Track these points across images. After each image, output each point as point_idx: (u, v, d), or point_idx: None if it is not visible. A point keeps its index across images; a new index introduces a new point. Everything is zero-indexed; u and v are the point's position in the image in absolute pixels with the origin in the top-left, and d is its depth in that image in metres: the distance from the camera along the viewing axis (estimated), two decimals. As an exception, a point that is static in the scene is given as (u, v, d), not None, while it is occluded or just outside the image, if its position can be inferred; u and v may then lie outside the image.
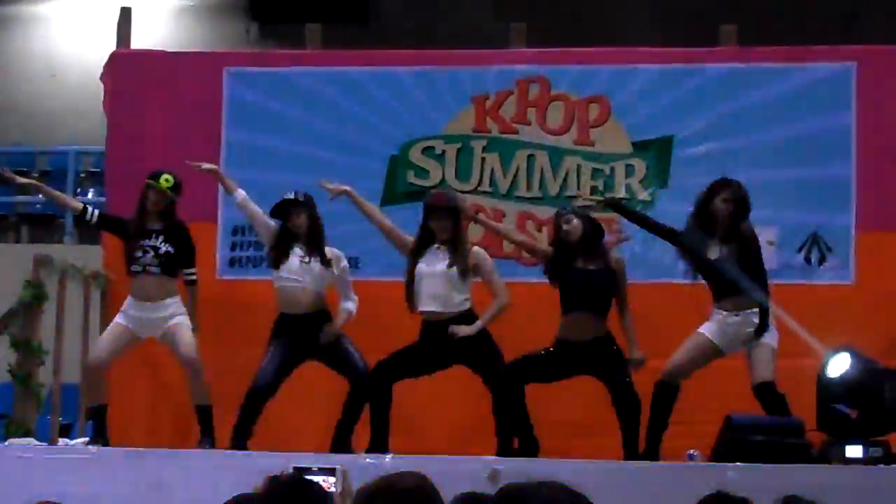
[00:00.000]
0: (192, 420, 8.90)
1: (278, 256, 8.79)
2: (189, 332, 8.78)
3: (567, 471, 7.41)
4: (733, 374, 8.53)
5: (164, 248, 8.84)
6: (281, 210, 8.81)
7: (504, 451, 8.35)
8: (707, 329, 8.39)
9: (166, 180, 8.86)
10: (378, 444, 8.36)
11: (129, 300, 8.90)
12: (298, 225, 8.75)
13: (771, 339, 8.36)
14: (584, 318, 8.42)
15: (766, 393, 8.27)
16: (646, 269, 9.27)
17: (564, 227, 8.55)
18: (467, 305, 8.52)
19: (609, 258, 8.54)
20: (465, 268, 8.47)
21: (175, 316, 8.80)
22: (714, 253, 8.34)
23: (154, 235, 8.85)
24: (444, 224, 8.51)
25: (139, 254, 8.83)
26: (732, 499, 4.16)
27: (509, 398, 8.38)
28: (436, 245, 8.56)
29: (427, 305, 8.50)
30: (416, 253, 8.57)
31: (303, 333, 8.70)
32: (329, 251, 8.79)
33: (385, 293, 9.09)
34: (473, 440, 8.77)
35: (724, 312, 8.33)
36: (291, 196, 8.76)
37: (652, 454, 8.27)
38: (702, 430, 8.47)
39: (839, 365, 8.24)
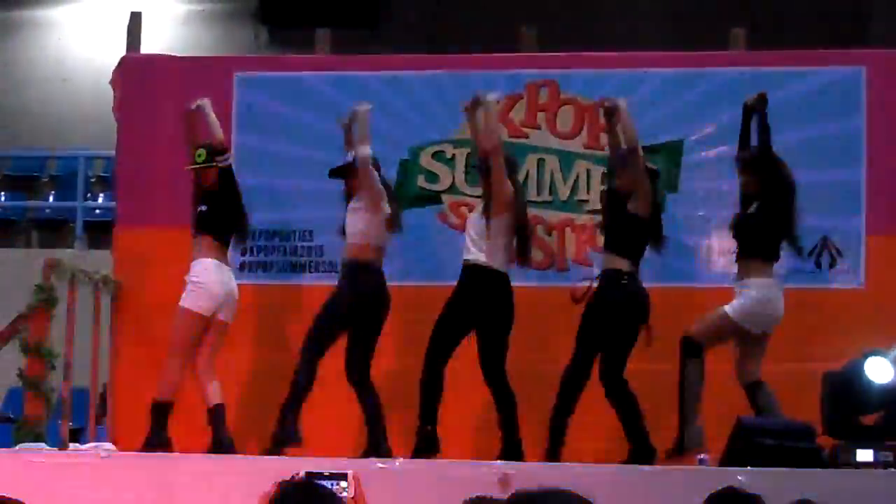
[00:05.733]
0: (200, 423, 8.92)
1: None
2: (179, 312, 8.83)
3: (577, 474, 7.44)
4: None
5: (200, 208, 8.95)
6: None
7: (510, 450, 8.40)
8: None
9: (199, 155, 8.97)
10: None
11: None
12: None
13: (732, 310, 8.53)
14: None
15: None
16: (652, 272, 9.22)
17: None
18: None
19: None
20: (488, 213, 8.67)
21: (187, 284, 8.87)
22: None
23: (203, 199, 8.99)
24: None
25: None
26: (743, 496, 4.16)
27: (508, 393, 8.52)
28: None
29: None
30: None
31: None
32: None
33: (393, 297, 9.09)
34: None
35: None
36: (350, 158, 8.93)
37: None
38: (712, 434, 8.46)
39: (883, 372, 8.18)
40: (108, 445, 9.08)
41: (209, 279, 8.83)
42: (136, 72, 10.26)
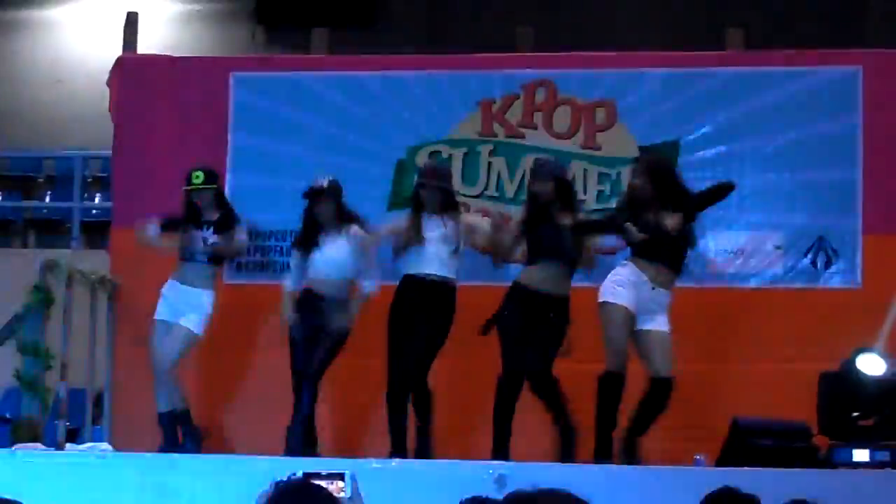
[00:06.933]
0: (200, 424, 8.92)
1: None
2: (179, 336, 8.96)
3: (573, 474, 7.44)
4: (741, 379, 8.54)
5: (212, 239, 9.07)
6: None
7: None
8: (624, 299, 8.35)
9: (196, 177, 9.09)
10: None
11: (168, 283, 9.18)
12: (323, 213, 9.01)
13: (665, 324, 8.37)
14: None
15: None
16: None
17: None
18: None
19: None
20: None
21: (193, 311, 8.99)
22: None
23: (206, 226, 9.09)
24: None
25: (189, 242, 9.07)
26: (739, 496, 4.17)
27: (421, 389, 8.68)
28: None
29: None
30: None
31: None
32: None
33: (389, 298, 9.10)
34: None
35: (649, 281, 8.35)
36: (324, 184, 8.95)
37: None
38: (708, 435, 8.47)
39: (875, 365, 8.20)
40: (105, 446, 9.09)
41: (211, 310, 9.11)
42: (133, 72, 10.26)
